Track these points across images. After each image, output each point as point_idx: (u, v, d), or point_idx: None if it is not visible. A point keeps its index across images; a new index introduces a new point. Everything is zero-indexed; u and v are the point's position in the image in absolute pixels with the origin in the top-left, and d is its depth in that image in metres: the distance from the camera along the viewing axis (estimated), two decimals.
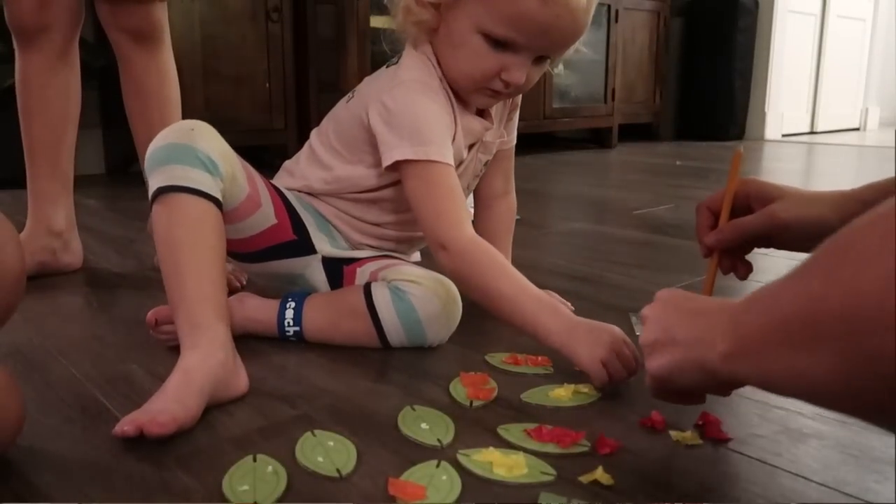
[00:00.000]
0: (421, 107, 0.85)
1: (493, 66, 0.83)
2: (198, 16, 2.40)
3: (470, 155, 0.95)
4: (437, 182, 0.84)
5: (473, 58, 0.83)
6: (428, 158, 0.83)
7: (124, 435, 0.63)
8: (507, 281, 0.81)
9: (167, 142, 0.81)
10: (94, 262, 1.35)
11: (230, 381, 0.74)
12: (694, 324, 0.54)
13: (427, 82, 0.87)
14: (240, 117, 2.44)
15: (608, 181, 2.71)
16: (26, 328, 0.97)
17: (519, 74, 0.83)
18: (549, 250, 1.49)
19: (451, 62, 0.86)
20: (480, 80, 0.85)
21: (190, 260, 0.78)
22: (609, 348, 0.74)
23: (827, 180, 2.99)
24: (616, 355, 0.74)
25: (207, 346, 0.74)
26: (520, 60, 0.83)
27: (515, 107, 1.02)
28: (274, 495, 0.56)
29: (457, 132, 0.89)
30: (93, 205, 1.99)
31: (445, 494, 0.57)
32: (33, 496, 0.58)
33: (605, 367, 0.74)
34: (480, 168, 1.00)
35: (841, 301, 0.38)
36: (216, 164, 0.82)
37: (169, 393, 0.68)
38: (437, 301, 0.86)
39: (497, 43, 0.81)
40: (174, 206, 0.79)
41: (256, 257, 0.93)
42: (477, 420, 0.70)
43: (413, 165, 0.84)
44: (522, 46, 0.82)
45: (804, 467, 0.61)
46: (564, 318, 0.79)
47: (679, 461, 0.63)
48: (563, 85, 3.48)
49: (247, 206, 0.88)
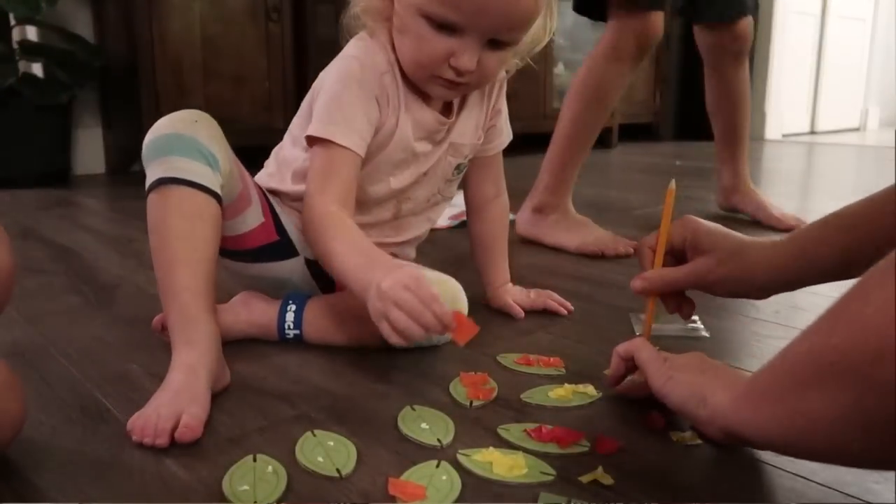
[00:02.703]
0: (341, 85, 0.84)
1: (438, 51, 0.80)
2: (198, 16, 2.40)
3: (436, 154, 0.93)
4: (329, 160, 0.83)
5: (418, 42, 0.81)
6: (329, 138, 0.82)
7: (157, 447, 0.64)
8: (332, 241, 0.78)
9: (170, 131, 0.80)
10: (95, 262, 1.35)
11: (218, 374, 0.75)
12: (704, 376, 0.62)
13: (361, 60, 0.85)
14: (240, 117, 2.44)
15: (608, 181, 2.71)
16: (26, 328, 0.97)
17: (467, 59, 0.79)
18: (549, 250, 1.49)
19: (401, 51, 0.84)
20: (428, 66, 0.82)
21: (184, 253, 0.77)
22: (386, 297, 0.66)
23: (827, 180, 2.99)
24: (396, 304, 0.65)
25: (203, 342, 0.74)
26: (466, 44, 0.79)
27: (498, 112, 0.99)
28: (274, 495, 0.56)
29: (399, 121, 0.87)
30: (93, 205, 1.99)
31: (445, 494, 0.57)
32: (33, 496, 0.57)
33: (387, 321, 0.66)
34: (452, 172, 0.97)
35: (846, 334, 0.38)
36: (217, 159, 0.80)
37: (180, 392, 0.68)
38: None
39: (440, 26, 0.78)
40: (172, 197, 0.78)
41: (245, 257, 0.92)
42: (477, 420, 0.70)
43: (318, 141, 0.83)
44: (466, 28, 0.78)
45: (804, 467, 0.61)
46: (367, 274, 0.71)
47: (679, 461, 0.63)
48: (564, 85, 3.48)
49: (238, 203, 0.87)
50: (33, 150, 2.29)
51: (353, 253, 0.76)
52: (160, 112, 0.89)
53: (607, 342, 0.92)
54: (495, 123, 1.00)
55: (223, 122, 0.87)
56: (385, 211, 0.95)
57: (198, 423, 0.66)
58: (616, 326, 0.98)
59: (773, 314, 1.03)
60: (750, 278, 0.71)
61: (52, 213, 1.84)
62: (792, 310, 1.05)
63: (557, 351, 0.88)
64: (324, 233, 0.79)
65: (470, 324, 0.66)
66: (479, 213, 1.06)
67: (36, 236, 1.58)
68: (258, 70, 2.53)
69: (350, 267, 0.75)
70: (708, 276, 0.73)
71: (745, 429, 0.53)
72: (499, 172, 1.05)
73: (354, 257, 0.75)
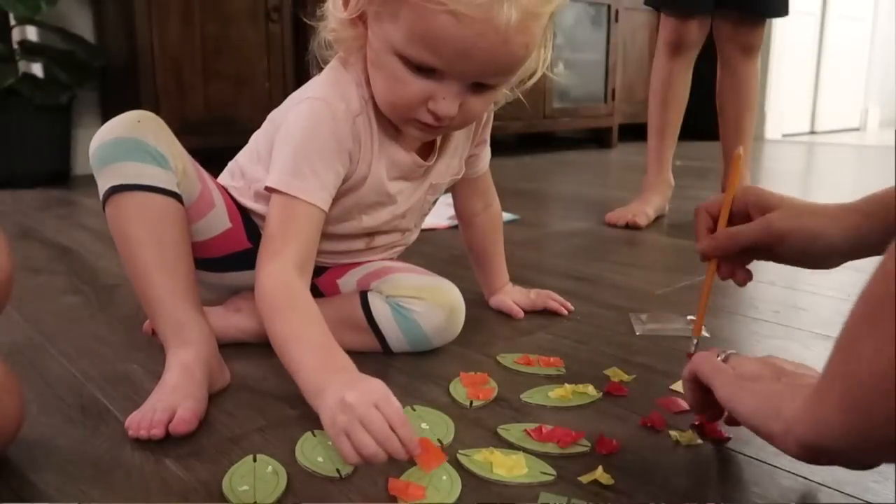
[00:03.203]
0: (308, 134, 0.76)
1: (415, 94, 0.71)
2: (198, 16, 2.40)
3: (415, 196, 0.88)
4: (291, 216, 0.75)
5: (394, 83, 0.72)
6: (292, 193, 0.75)
7: (151, 438, 0.64)
8: (288, 325, 0.69)
9: (113, 136, 0.76)
10: (95, 262, 1.35)
11: (216, 373, 0.75)
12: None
13: (332, 105, 0.76)
14: (240, 117, 2.44)
15: (608, 181, 2.71)
16: (26, 328, 0.97)
17: (447, 105, 0.71)
18: (549, 250, 1.49)
19: (375, 86, 0.76)
20: (403, 110, 0.74)
21: (156, 259, 0.75)
22: (352, 413, 0.56)
23: (827, 180, 2.99)
24: (361, 422, 0.55)
25: (197, 342, 0.74)
26: (447, 89, 0.70)
27: (482, 141, 0.95)
28: (274, 495, 0.56)
29: (372, 165, 0.81)
30: (93, 205, 1.99)
31: (445, 494, 0.57)
32: (33, 496, 0.57)
33: (348, 437, 0.56)
34: (428, 207, 0.94)
35: None
36: (166, 158, 0.77)
37: (176, 389, 0.69)
38: (441, 312, 0.84)
39: (418, 68, 0.70)
40: (130, 206, 0.75)
41: (215, 265, 0.88)
42: (477, 420, 0.70)
43: (278, 193, 0.76)
44: (446, 72, 0.69)
45: (804, 467, 0.61)
46: (323, 376, 0.62)
47: (679, 461, 0.63)
48: (563, 85, 3.48)
49: (200, 205, 0.83)
50: (33, 150, 2.29)
51: (312, 347, 0.66)
52: (160, 112, 0.88)
53: (607, 342, 0.92)
54: (478, 153, 0.96)
55: (223, 123, 0.87)
56: (357, 242, 0.90)
57: (192, 416, 0.66)
58: (616, 326, 0.98)
59: (773, 314, 1.03)
60: (820, 233, 0.64)
61: (52, 213, 1.85)
62: (792, 310, 1.05)
63: (557, 351, 0.88)
64: (280, 313, 0.69)
65: (437, 451, 0.59)
66: (469, 227, 1.04)
67: (36, 236, 1.58)
68: (258, 70, 2.53)
69: (307, 362, 0.65)
70: (777, 225, 0.65)
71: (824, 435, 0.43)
72: (486, 188, 1.02)
73: (313, 353, 0.65)
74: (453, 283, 0.88)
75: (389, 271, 0.89)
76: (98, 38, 2.59)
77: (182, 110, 2.36)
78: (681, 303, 1.08)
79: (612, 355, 0.87)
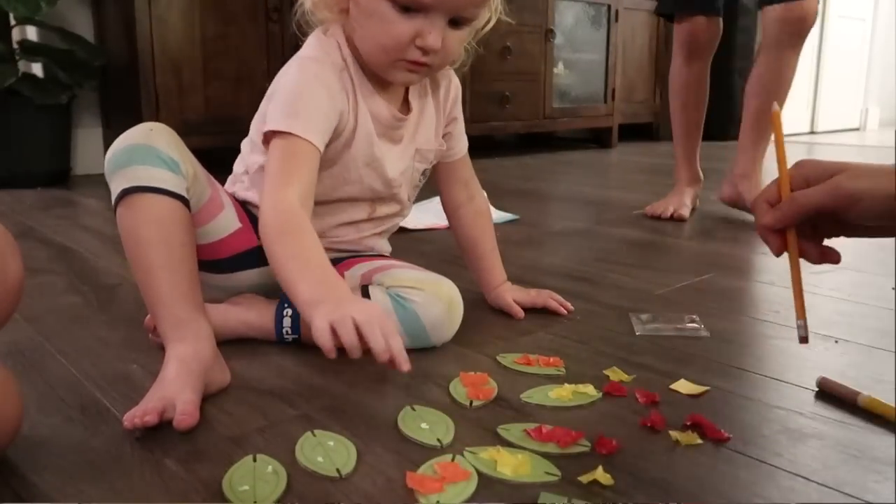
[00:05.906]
0: (301, 83, 0.83)
1: (404, 32, 0.80)
2: (198, 16, 2.40)
3: (404, 158, 0.94)
4: (291, 153, 0.80)
5: (384, 25, 0.81)
6: (289, 131, 0.80)
7: (145, 425, 0.65)
8: (298, 245, 0.73)
9: (126, 144, 0.79)
10: (95, 262, 1.35)
11: (216, 373, 0.76)
12: None
13: (320, 59, 0.85)
14: (240, 117, 2.43)
15: (608, 181, 2.71)
16: (26, 328, 0.97)
17: (433, 38, 0.80)
18: (549, 250, 1.49)
19: (364, 37, 0.84)
20: (395, 50, 0.82)
21: (162, 259, 0.76)
22: (346, 312, 0.63)
23: None
24: (355, 322, 0.63)
25: (196, 338, 0.75)
26: (432, 22, 0.80)
27: (453, 119, 1.00)
28: (274, 495, 0.56)
29: (359, 116, 0.87)
30: (93, 205, 1.99)
31: (462, 489, 0.57)
32: (33, 496, 0.58)
33: (334, 329, 0.63)
34: (419, 178, 1.00)
35: None
36: (177, 163, 0.80)
37: (174, 382, 0.70)
38: (440, 305, 0.86)
39: (404, 8, 0.79)
40: (140, 207, 0.77)
41: (222, 266, 0.91)
42: (477, 420, 0.70)
43: (278, 135, 0.81)
44: (430, 6, 0.79)
45: (804, 467, 0.61)
46: (326, 289, 0.68)
47: (679, 461, 0.63)
48: (563, 85, 3.48)
49: (210, 207, 0.87)
50: (33, 150, 2.29)
51: (317, 266, 0.71)
52: (160, 112, 0.89)
53: (607, 342, 0.92)
54: (451, 131, 1.01)
55: (223, 123, 0.87)
56: (360, 211, 0.95)
57: (194, 408, 0.67)
58: (616, 326, 0.98)
59: (773, 314, 1.03)
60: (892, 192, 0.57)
61: (52, 213, 1.84)
62: (792, 310, 1.05)
63: (557, 351, 0.88)
64: (287, 235, 0.74)
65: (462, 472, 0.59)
66: (454, 219, 1.07)
67: (36, 236, 1.58)
68: (258, 70, 2.52)
69: (312, 275, 0.70)
70: (845, 186, 0.58)
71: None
72: (467, 177, 1.05)
73: (318, 271, 0.71)
74: (452, 282, 0.89)
75: (392, 267, 0.92)
76: (98, 38, 2.58)
77: (182, 110, 2.36)
78: (681, 303, 1.08)
79: (612, 355, 0.87)
